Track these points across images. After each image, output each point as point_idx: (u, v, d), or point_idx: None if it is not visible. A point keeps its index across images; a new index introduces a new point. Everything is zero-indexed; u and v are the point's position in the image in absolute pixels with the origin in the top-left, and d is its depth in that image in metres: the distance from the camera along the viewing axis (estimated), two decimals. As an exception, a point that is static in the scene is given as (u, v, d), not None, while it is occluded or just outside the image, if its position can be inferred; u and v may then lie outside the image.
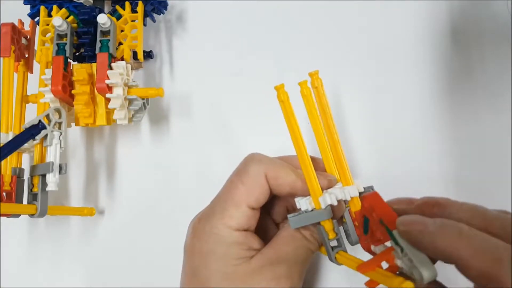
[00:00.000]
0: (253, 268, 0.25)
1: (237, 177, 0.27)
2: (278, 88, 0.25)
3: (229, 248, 0.26)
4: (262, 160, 0.27)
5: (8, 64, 0.33)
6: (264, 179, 0.26)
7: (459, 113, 0.35)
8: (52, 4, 0.36)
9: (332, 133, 0.26)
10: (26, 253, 0.38)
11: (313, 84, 0.26)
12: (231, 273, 0.25)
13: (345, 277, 0.33)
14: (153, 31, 0.41)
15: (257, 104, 0.38)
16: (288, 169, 0.27)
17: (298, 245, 0.26)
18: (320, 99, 0.26)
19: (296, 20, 0.39)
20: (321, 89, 0.26)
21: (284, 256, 0.26)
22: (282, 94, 0.25)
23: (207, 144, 0.38)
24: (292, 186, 0.26)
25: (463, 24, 0.37)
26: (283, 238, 0.27)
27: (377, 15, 0.38)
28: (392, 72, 0.37)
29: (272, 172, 0.26)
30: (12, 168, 0.32)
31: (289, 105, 0.25)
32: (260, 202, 0.27)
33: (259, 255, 0.26)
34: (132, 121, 0.35)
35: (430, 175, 0.34)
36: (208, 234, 0.26)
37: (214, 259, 0.26)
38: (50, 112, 0.32)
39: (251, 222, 0.27)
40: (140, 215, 0.37)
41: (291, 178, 0.26)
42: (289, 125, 0.25)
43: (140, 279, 0.36)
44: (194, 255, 0.27)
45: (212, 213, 0.27)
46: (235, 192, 0.26)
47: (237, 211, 0.26)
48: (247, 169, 0.27)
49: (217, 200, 0.27)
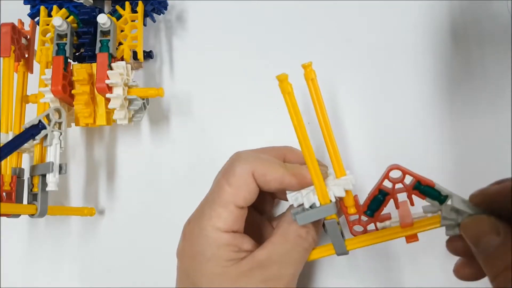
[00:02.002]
0: (242, 271, 0.25)
1: (223, 177, 0.27)
2: (281, 78, 0.22)
3: (218, 250, 0.25)
4: (248, 158, 0.27)
5: (8, 64, 0.33)
6: (251, 178, 0.26)
7: (459, 113, 0.35)
8: (52, 4, 0.36)
9: (327, 123, 0.25)
10: (26, 253, 0.38)
11: (308, 77, 0.25)
12: (220, 275, 0.25)
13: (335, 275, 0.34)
14: (153, 31, 0.41)
15: (257, 104, 0.38)
16: (275, 164, 0.27)
17: (291, 246, 0.26)
18: (316, 91, 0.25)
19: (296, 20, 0.39)
20: (316, 81, 0.25)
21: (276, 257, 0.26)
22: (287, 85, 0.23)
23: (207, 144, 0.38)
24: (281, 181, 0.26)
25: (463, 24, 0.37)
26: (275, 238, 0.26)
27: (377, 15, 0.38)
28: (392, 72, 0.37)
29: (260, 170, 0.26)
30: (12, 168, 0.33)
31: (294, 97, 0.23)
32: (248, 201, 0.26)
33: (250, 257, 0.26)
34: (132, 121, 0.35)
35: (430, 175, 0.34)
36: (197, 236, 0.26)
37: (204, 260, 0.25)
38: (50, 112, 0.32)
39: (240, 222, 0.26)
40: (140, 215, 0.37)
41: (279, 173, 0.26)
42: (294, 119, 0.24)
43: (140, 279, 0.36)
44: (184, 258, 0.27)
45: (201, 215, 0.27)
46: (222, 193, 0.26)
47: (225, 211, 0.26)
48: (233, 169, 0.26)
49: (205, 202, 0.27)
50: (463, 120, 0.35)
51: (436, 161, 0.35)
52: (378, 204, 0.26)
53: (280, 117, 0.37)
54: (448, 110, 0.35)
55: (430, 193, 0.25)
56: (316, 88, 0.25)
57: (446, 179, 0.35)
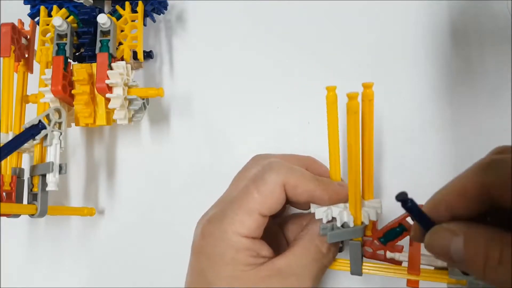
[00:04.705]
0: (262, 276, 0.25)
1: (254, 184, 0.26)
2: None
3: (238, 254, 0.25)
4: (281, 168, 0.26)
5: (8, 64, 0.33)
6: (282, 189, 0.26)
7: (459, 113, 0.35)
8: (52, 4, 0.36)
9: (371, 147, 0.25)
10: (26, 253, 0.38)
11: (367, 97, 0.24)
12: (238, 278, 0.25)
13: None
14: (153, 31, 0.41)
15: (257, 104, 0.38)
16: (307, 176, 0.26)
17: (312, 259, 0.26)
18: (370, 113, 0.24)
19: (297, 20, 0.39)
20: (373, 102, 0.24)
21: (295, 268, 0.25)
22: (354, 105, 0.23)
23: (207, 144, 0.38)
24: (312, 195, 0.26)
25: (463, 24, 0.37)
26: (297, 250, 0.26)
27: (377, 15, 0.38)
28: (392, 72, 0.37)
29: (292, 181, 0.26)
30: (12, 168, 0.33)
31: (358, 118, 0.23)
32: (273, 211, 0.26)
33: (270, 263, 0.26)
34: (132, 121, 0.35)
35: (429, 175, 0.34)
36: (218, 238, 0.26)
37: (223, 263, 0.25)
38: (50, 112, 0.32)
39: (260, 229, 0.26)
40: (140, 215, 0.37)
41: (311, 186, 0.26)
42: (352, 138, 0.23)
43: (140, 279, 0.36)
44: (202, 257, 0.27)
45: (222, 217, 0.26)
46: (250, 200, 0.26)
47: (249, 218, 0.25)
48: (265, 177, 0.26)
49: (230, 204, 0.27)
50: (463, 120, 0.35)
51: (436, 161, 0.35)
52: (394, 236, 0.26)
53: (280, 116, 0.37)
54: (448, 110, 0.35)
55: None
56: (371, 109, 0.24)
57: (446, 179, 0.35)
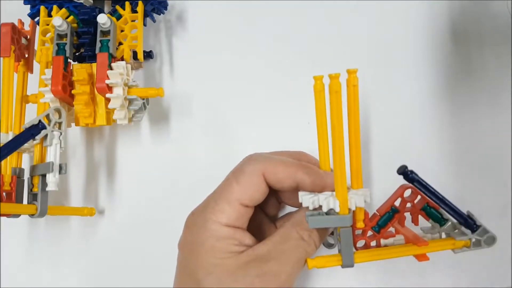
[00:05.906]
0: (240, 263, 0.25)
1: (233, 175, 0.27)
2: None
3: (218, 242, 0.25)
4: (259, 159, 0.27)
5: (8, 64, 0.33)
6: (261, 178, 0.26)
7: (459, 113, 0.35)
8: (52, 4, 0.36)
9: (357, 134, 0.24)
10: (26, 253, 0.38)
11: (351, 83, 0.23)
12: (218, 266, 0.25)
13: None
14: (153, 31, 0.41)
15: (257, 104, 0.38)
16: (287, 161, 0.27)
17: (293, 244, 0.26)
18: (355, 98, 0.24)
19: (297, 21, 0.39)
20: (357, 87, 0.24)
21: (274, 253, 0.26)
22: (335, 84, 0.22)
23: (207, 144, 0.38)
24: (293, 178, 0.26)
25: (463, 24, 0.37)
26: (277, 236, 0.26)
27: (377, 15, 0.38)
28: (392, 72, 0.37)
29: (271, 168, 0.26)
30: (12, 168, 0.32)
31: (339, 97, 0.22)
32: (255, 201, 0.27)
33: (250, 250, 0.26)
34: (132, 121, 0.35)
35: (429, 175, 0.34)
36: (198, 227, 0.26)
37: (203, 251, 0.25)
38: (50, 112, 0.32)
39: (243, 219, 0.27)
40: (140, 215, 0.37)
41: (292, 169, 0.26)
42: (336, 120, 0.23)
43: (140, 279, 0.36)
44: (184, 248, 0.27)
45: (204, 208, 0.27)
46: (229, 190, 0.26)
47: (229, 208, 0.26)
48: (243, 169, 0.27)
49: (211, 197, 0.28)
50: (463, 120, 0.35)
51: (436, 161, 0.35)
52: (388, 220, 0.26)
53: (280, 116, 0.37)
54: (448, 110, 0.35)
55: (435, 215, 0.26)
56: (356, 95, 0.24)
57: (446, 179, 0.35)
